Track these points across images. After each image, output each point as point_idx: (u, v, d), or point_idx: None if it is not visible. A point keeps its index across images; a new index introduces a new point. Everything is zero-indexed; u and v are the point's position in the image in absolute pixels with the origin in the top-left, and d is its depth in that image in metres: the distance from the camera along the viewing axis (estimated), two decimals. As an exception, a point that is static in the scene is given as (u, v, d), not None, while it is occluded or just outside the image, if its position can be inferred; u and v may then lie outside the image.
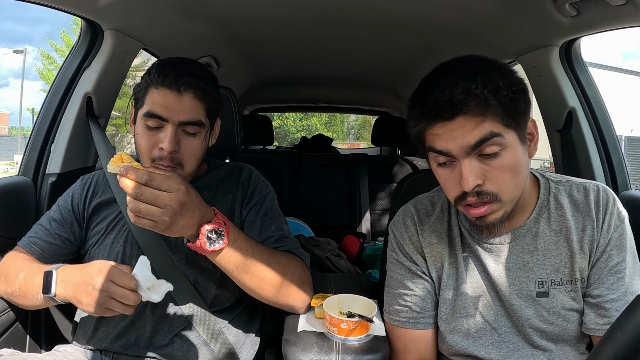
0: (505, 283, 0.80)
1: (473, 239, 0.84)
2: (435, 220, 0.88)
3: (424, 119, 0.71)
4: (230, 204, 1.01)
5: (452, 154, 0.70)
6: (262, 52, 2.03)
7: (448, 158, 0.71)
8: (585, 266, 0.78)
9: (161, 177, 0.70)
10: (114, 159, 0.74)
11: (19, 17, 59.56)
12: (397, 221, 0.91)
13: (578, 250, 0.78)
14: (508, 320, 0.81)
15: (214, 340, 0.94)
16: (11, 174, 1.46)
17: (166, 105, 0.87)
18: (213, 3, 1.39)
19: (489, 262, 0.81)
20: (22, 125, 20.13)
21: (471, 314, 0.82)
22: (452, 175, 0.72)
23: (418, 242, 0.87)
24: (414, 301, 0.86)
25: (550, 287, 0.78)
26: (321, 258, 1.84)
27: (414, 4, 1.36)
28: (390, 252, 0.92)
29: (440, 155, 0.72)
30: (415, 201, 0.93)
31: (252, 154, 2.71)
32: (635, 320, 0.49)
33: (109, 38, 1.25)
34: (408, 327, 0.86)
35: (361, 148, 7.53)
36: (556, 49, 1.33)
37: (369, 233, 2.54)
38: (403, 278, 0.88)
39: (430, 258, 0.86)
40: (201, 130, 0.92)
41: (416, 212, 0.89)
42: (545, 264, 0.79)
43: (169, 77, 0.87)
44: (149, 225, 0.70)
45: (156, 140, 0.88)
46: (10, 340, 1.00)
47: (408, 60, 2.05)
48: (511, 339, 0.81)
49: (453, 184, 0.73)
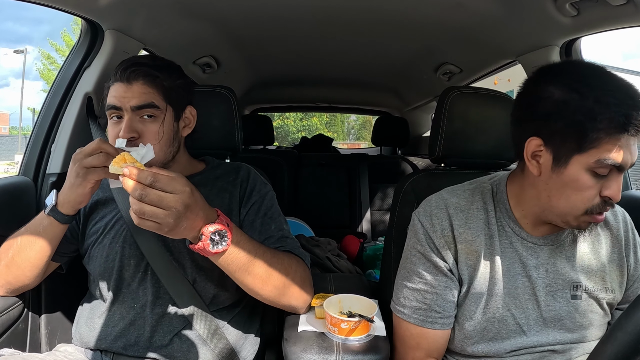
0: (543, 284, 0.82)
1: (517, 237, 0.83)
2: (472, 216, 0.85)
3: (621, 130, 0.68)
4: (228, 202, 1.01)
5: (623, 167, 0.71)
6: (263, 52, 2.03)
7: (607, 170, 0.71)
8: (615, 278, 0.85)
9: (166, 179, 0.69)
10: (116, 160, 0.74)
11: (19, 17, 59.64)
12: (427, 211, 0.88)
13: (607, 262, 0.84)
14: (539, 322, 0.82)
15: (213, 340, 0.94)
16: (11, 173, 1.46)
17: (118, 95, 0.91)
18: (213, 3, 1.39)
19: (529, 262, 0.82)
20: (23, 125, 20.18)
21: (503, 315, 0.82)
22: (597, 185, 0.73)
23: (451, 237, 0.84)
24: (435, 300, 0.84)
25: (584, 291, 0.82)
26: (321, 258, 1.84)
27: (414, 4, 1.36)
28: (414, 243, 0.88)
29: (605, 168, 0.71)
30: (448, 193, 0.90)
31: (253, 153, 2.71)
32: (636, 320, 0.49)
33: (110, 38, 1.25)
34: (425, 326, 0.85)
35: (361, 148, 7.53)
36: (557, 49, 1.33)
37: (369, 233, 2.54)
38: (426, 273, 0.85)
39: (463, 255, 0.84)
40: (158, 112, 0.93)
41: (452, 205, 0.87)
42: (581, 270, 0.83)
43: (119, 71, 0.93)
44: (153, 227, 0.70)
45: (118, 130, 0.90)
46: (11, 340, 1.00)
47: (408, 60, 2.05)
48: (539, 339, 0.82)
49: (593, 194, 0.73)
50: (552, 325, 0.82)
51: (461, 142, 1.14)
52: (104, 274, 0.96)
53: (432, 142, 1.18)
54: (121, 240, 0.97)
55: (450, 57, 1.89)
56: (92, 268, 0.98)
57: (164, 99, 0.94)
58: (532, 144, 0.76)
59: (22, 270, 0.90)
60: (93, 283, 0.99)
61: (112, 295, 0.95)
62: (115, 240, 0.97)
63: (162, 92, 0.94)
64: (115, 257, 0.96)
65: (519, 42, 1.42)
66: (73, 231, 1.00)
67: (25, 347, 1.07)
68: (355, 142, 24.32)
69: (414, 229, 0.89)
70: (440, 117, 1.14)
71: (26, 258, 0.89)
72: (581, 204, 0.74)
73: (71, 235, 1.00)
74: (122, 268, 0.96)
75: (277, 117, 16.31)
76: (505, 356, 0.82)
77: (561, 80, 0.72)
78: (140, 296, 0.95)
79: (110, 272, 0.95)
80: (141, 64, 0.93)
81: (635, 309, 0.50)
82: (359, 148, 7.93)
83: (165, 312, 0.94)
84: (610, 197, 0.72)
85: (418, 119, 3.33)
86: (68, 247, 1.00)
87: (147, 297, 0.94)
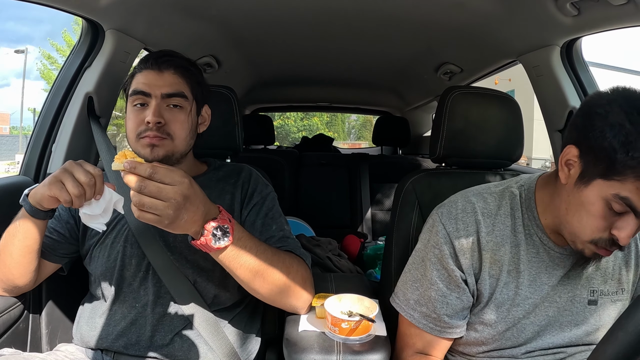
0: (565, 290, 0.82)
1: (544, 247, 0.82)
2: (499, 222, 0.82)
3: None
4: (229, 204, 1.01)
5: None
6: (263, 52, 2.03)
7: (622, 208, 0.69)
8: (630, 279, 0.85)
9: (164, 170, 0.70)
10: (117, 156, 0.74)
11: (20, 16, 59.68)
12: (452, 213, 0.84)
13: (623, 264, 0.84)
14: (556, 326, 0.82)
15: (214, 340, 0.94)
16: (12, 173, 1.46)
17: (148, 82, 0.93)
18: (214, 3, 1.39)
19: (556, 272, 0.81)
20: (23, 125, 20.19)
21: (524, 323, 0.82)
22: (610, 220, 0.70)
23: (476, 244, 0.81)
24: (445, 311, 0.83)
25: (599, 296, 0.82)
26: (322, 258, 1.84)
27: (415, 4, 1.36)
28: (432, 245, 0.84)
29: (620, 205, 0.68)
30: (476, 196, 0.86)
31: (253, 153, 2.71)
32: (636, 320, 0.49)
33: (110, 38, 1.25)
34: (433, 334, 0.85)
35: (362, 148, 7.54)
36: (557, 49, 1.33)
37: (370, 233, 2.54)
38: (439, 281, 0.83)
39: (487, 264, 0.81)
40: (185, 103, 0.95)
41: (480, 210, 0.83)
42: (597, 274, 0.83)
43: (150, 59, 0.95)
44: (153, 219, 0.70)
45: (142, 117, 0.91)
46: (11, 339, 1.00)
47: (409, 59, 2.05)
48: (554, 341, 0.82)
49: (604, 226, 0.71)
50: (568, 329, 0.82)
51: (462, 141, 1.14)
52: (105, 274, 0.96)
53: (433, 142, 1.18)
54: (122, 240, 0.97)
55: (451, 56, 1.89)
56: (93, 268, 0.98)
57: (191, 92, 0.97)
58: (570, 152, 0.74)
59: (9, 268, 0.89)
60: (94, 283, 0.99)
61: (113, 294, 0.95)
62: (117, 240, 0.97)
63: (190, 85, 0.97)
64: (117, 257, 0.96)
65: (520, 42, 1.42)
66: (72, 232, 1.00)
67: (26, 346, 1.07)
68: (356, 141, 24.33)
69: (434, 229, 0.85)
70: (441, 117, 1.14)
71: (9, 254, 0.88)
72: (590, 230, 0.72)
73: (70, 236, 1.00)
74: (124, 267, 0.96)
75: (277, 117, 16.33)
76: (520, 357, 0.83)
77: (626, 105, 0.68)
78: (142, 295, 0.95)
79: (112, 272, 0.95)
80: (173, 55, 0.98)
81: (635, 309, 0.50)
82: (359, 148, 7.94)
83: (166, 312, 0.94)
84: (617, 238, 0.69)
85: (419, 119, 3.33)
86: (68, 248, 1.00)
87: (148, 296, 0.94)
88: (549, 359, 0.82)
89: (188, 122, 0.96)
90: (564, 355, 0.82)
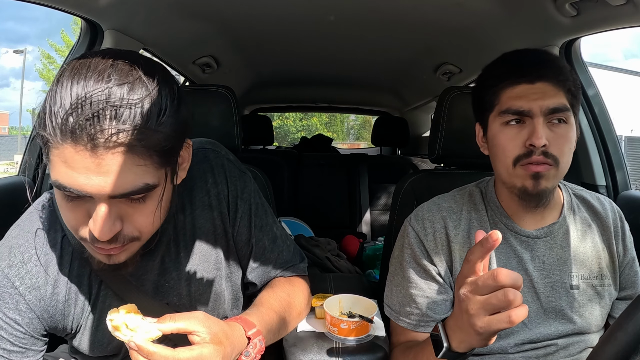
0: (541, 276, 0.83)
1: (511, 232, 0.84)
2: (464, 217, 0.87)
3: (510, 77, 0.78)
4: (220, 223, 0.81)
5: (530, 114, 0.76)
6: (262, 52, 2.03)
7: (522, 117, 0.77)
8: (609, 265, 0.87)
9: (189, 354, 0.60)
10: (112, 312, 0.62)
11: (19, 16, 59.62)
12: (418, 216, 0.89)
13: (602, 249, 0.86)
14: (540, 314, 0.83)
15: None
16: (11, 174, 1.45)
17: None
18: (213, 3, 1.39)
19: (525, 256, 0.83)
20: (22, 125, 20.13)
21: None
22: (519, 135, 0.77)
23: (445, 239, 0.85)
24: (427, 304, 0.84)
25: (581, 280, 0.84)
26: (321, 258, 1.84)
27: (414, 4, 1.36)
28: (405, 247, 0.88)
29: (514, 114, 0.77)
30: (439, 198, 0.92)
31: (252, 154, 2.71)
32: (636, 320, 0.49)
33: (109, 38, 1.25)
34: (419, 331, 0.85)
35: (361, 148, 7.53)
36: (556, 49, 1.33)
37: (369, 233, 2.54)
38: (417, 278, 0.85)
39: (457, 256, 0.84)
40: (151, 193, 0.63)
41: (444, 208, 0.88)
42: (576, 259, 0.84)
43: None
44: None
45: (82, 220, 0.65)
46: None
47: (408, 60, 2.05)
48: (541, 331, 0.82)
49: (518, 144, 0.77)
50: (553, 316, 0.82)
51: (461, 142, 1.14)
52: None
53: (431, 142, 1.18)
54: None
55: (450, 57, 1.89)
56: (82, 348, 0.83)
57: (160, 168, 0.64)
58: (477, 130, 0.88)
59: None
60: None
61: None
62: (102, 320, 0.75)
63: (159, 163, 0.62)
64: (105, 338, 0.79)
65: (519, 42, 1.42)
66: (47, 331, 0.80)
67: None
68: (355, 142, 24.32)
69: (405, 233, 0.90)
70: (440, 117, 1.14)
71: None
72: (503, 155, 0.79)
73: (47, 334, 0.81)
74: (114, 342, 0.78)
75: (276, 117, 16.30)
76: (510, 351, 0.83)
77: None
78: None
79: None
80: None
81: (635, 309, 0.50)
82: (358, 148, 7.94)
83: None
84: (532, 143, 0.75)
85: (418, 119, 3.33)
86: None
87: None
88: (541, 352, 0.82)
89: (158, 209, 0.65)
90: (555, 349, 0.82)
